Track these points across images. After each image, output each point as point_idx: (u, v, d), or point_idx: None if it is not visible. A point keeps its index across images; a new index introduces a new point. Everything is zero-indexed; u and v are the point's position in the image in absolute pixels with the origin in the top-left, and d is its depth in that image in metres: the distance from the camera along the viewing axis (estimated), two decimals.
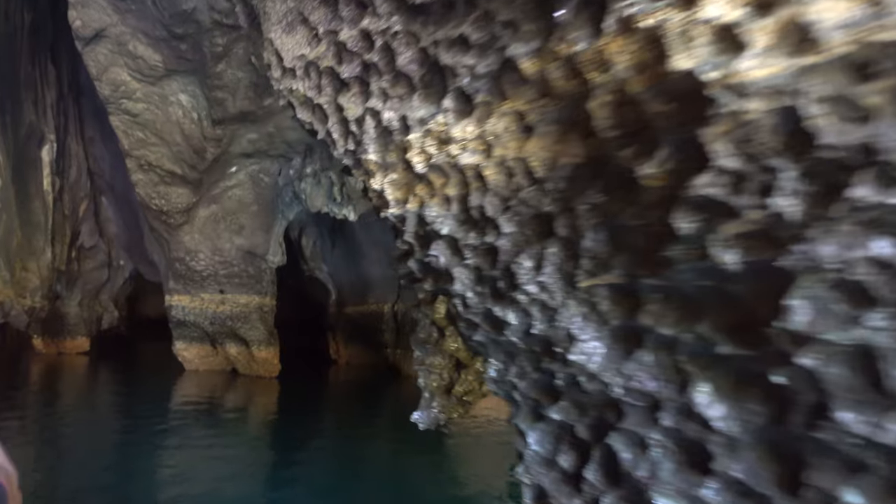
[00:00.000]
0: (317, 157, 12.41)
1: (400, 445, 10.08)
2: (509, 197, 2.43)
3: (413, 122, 2.82)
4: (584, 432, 2.37)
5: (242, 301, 16.13)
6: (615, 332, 2.18)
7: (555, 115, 2.14)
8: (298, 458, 9.27)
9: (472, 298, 2.75)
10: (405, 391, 17.08)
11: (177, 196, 13.27)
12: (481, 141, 2.45)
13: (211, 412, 12.66)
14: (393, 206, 3.17)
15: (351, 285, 22.41)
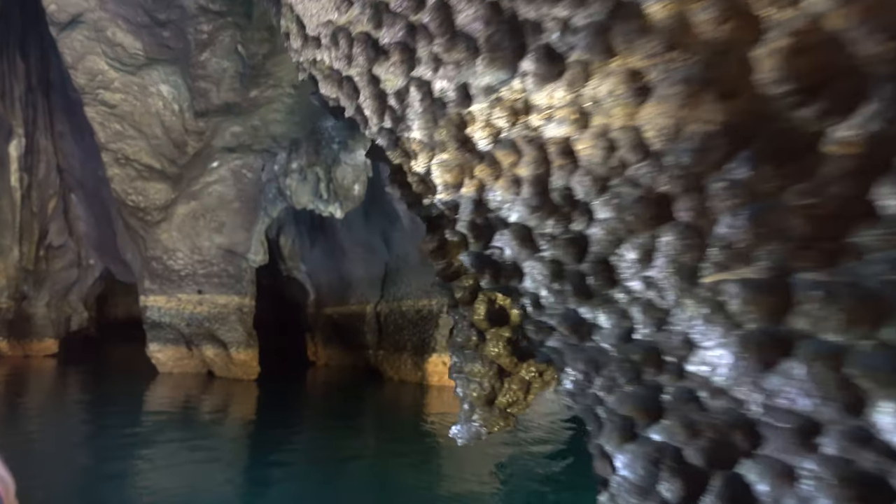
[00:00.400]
0: (303, 152, 11.93)
1: (384, 449, 9.71)
2: (608, 176, 2.03)
3: (476, 92, 2.40)
4: (696, 457, 1.98)
5: (221, 301, 15.55)
6: (749, 339, 1.79)
7: (684, 73, 1.75)
8: (278, 462, 8.80)
9: (547, 298, 2.34)
10: (388, 393, 16.63)
11: (155, 192, 12.67)
12: (574, 109, 2.05)
13: (187, 416, 12.12)
14: (441, 191, 2.75)
15: (330, 285, 21.90)
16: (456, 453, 9.97)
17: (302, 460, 9.10)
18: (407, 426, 11.77)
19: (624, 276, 2.03)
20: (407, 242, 16.27)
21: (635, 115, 1.90)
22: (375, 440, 10.74)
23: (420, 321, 16.46)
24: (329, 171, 11.94)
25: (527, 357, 3.26)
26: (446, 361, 16.44)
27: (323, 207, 12.55)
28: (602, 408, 2.27)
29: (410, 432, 11.07)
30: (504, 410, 3.23)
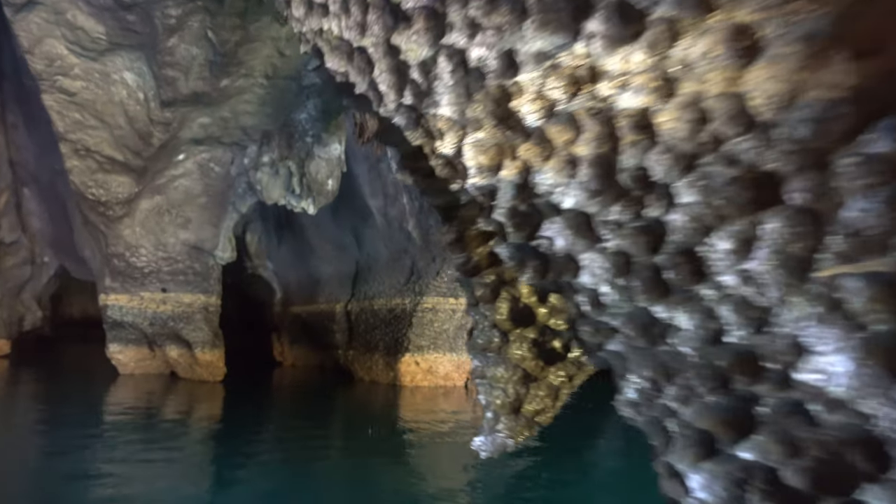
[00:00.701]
0: (274, 145, 11.49)
1: (356, 450, 9.38)
2: (695, 153, 1.74)
3: (525, 59, 2.10)
4: (797, 479, 1.71)
5: (186, 300, 14.98)
6: (876, 342, 1.52)
7: (809, 27, 1.47)
8: (246, 466, 8.46)
9: (609, 295, 2.05)
10: (359, 394, 16.24)
11: (117, 185, 12.07)
12: (656, 75, 1.76)
13: (149, 419, 11.61)
14: (474, 174, 2.43)
15: (299, 284, 21.39)
16: (429, 453, 9.69)
17: (271, 462, 8.77)
18: (379, 427, 11.46)
19: (714, 270, 1.74)
20: (379, 240, 15.90)
21: (738, 81, 1.61)
22: (347, 441, 10.41)
23: (393, 320, 16.11)
24: (302, 166, 11.52)
25: (555, 360, 2.97)
26: (419, 361, 16.13)
27: (295, 203, 12.12)
28: (674, 420, 1.98)
29: (383, 433, 10.77)
30: (531, 419, 2.93)
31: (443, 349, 16.35)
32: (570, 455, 8.97)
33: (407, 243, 15.08)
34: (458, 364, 16.72)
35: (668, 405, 1.98)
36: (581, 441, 9.95)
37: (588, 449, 10.23)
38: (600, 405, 14.43)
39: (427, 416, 12.60)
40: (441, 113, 2.50)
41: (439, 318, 15.60)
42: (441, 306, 15.44)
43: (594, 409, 14.67)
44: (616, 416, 2.30)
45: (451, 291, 15.33)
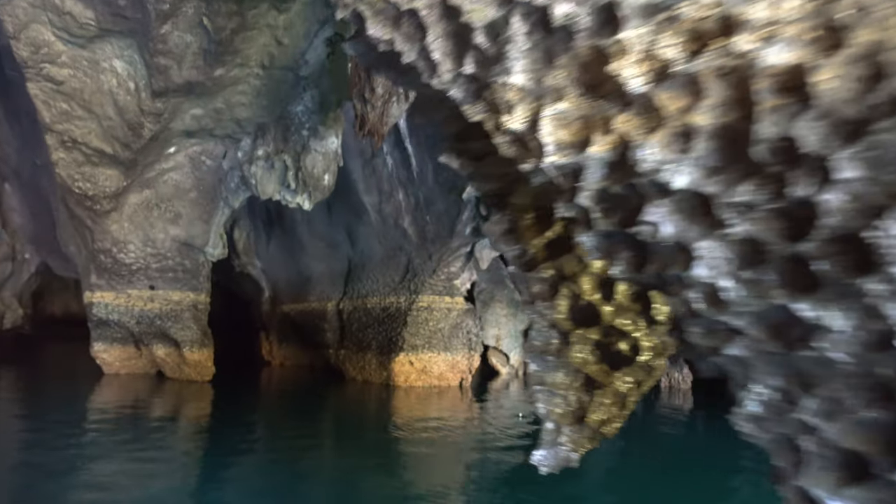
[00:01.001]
0: (269, 138, 11.10)
1: (348, 451, 9.06)
2: (865, 118, 1.44)
3: (631, 12, 1.78)
4: None
5: (175, 298, 14.54)
6: None
7: None
8: (236, 467, 8.18)
9: (732, 290, 1.73)
10: (351, 394, 15.87)
11: (105, 178, 11.62)
12: (818, 22, 1.45)
13: (136, 420, 11.16)
14: (553, 152, 2.11)
15: (289, 282, 20.98)
16: (423, 455, 9.38)
17: (261, 462, 8.48)
18: (372, 428, 11.14)
19: (887, 260, 1.44)
20: (373, 238, 15.55)
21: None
22: (340, 442, 10.11)
23: (386, 319, 15.76)
24: (298, 160, 11.14)
25: (621, 365, 2.66)
26: (413, 361, 15.80)
27: (290, 198, 11.73)
28: (811, 438, 1.68)
29: (376, 435, 10.46)
30: (596, 430, 2.61)
31: (437, 348, 16.04)
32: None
33: (402, 240, 14.75)
34: (453, 364, 16.42)
35: (804, 420, 1.68)
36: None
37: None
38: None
39: (421, 417, 12.29)
40: (512, 82, 2.17)
41: (434, 317, 15.28)
42: (436, 305, 15.12)
43: None
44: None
45: (447, 290, 15.02)
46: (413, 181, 13.83)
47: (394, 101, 9.06)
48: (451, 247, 13.78)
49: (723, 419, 2.18)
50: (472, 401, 14.88)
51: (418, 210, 14.07)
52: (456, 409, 13.90)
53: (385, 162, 14.17)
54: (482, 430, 11.19)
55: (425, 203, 13.84)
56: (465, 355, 16.57)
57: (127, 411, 11.95)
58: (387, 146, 14.00)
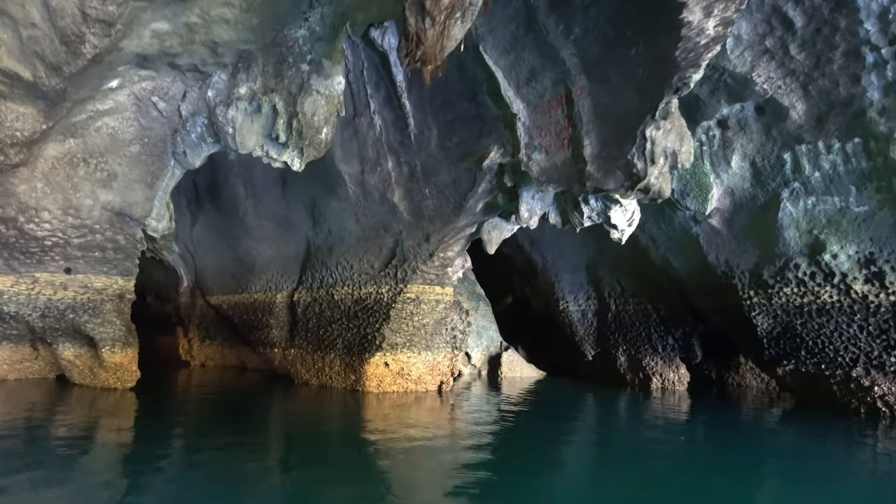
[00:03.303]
0: (256, 71, 8.34)
1: (325, 478, 6.91)
2: None
3: None
4: None
5: (97, 285, 11.39)
6: None
7: None
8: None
9: None
10: (309, 403, 13.21)
11: (15, 117, 8.43)
12: None
13: (33, 442, 8.33)
14: None
15: (220, 270, 17.88)
16: (396, 471, 7.60)
17: (208, 485, 6.38)
18: (348, 447, 8.88)
19: None
20: (348, 215, 12.95)
21: None
22: (311, 457, 7.81)
23: (361, 313, 13.21)
24: (293, 102, 8.45)
25: None
26: (389, 362, 13.36)
27: (276, 154, 8.99)
28: None
29: (345, 455, 8.21)
30: None
31: (418, 347, 13.67)
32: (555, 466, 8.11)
33: (389, 218, 12.24)
34: (433, 365, 14.10)
35: None
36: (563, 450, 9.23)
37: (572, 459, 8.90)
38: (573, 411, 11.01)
39: (398, 430, 10.02)
40: None
41: (421, 311, 12.89)
42: (426, 296, 12.73)
43: (568, 417, 12.34)
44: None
45: (438, 279, 12.66)
46: (409, 146, 11.37)
47: (457, 17, 6.68)
48: (457, 226, 11.44)
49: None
50: (453, 407, 12.64)
51: (413, 181, 11.62)
52: (438, 418, 11.60)
53: (371, 123, 11.63)
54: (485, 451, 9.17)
55: (423, 173, 11.42)
56: (448, 355, 14.28)
57: (20, 429, 8.97)
58: (375, 103, 11.47)
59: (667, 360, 15.89)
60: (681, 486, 7.18)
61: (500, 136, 9.98)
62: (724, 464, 8.34)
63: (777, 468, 8.51)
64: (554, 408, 13.55)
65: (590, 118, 8.79)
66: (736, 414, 13.06)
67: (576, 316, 17.95)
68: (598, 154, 8.80)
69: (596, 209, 10.21)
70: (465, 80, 10.06)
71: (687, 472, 7.91)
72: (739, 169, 11.69)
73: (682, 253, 13.78)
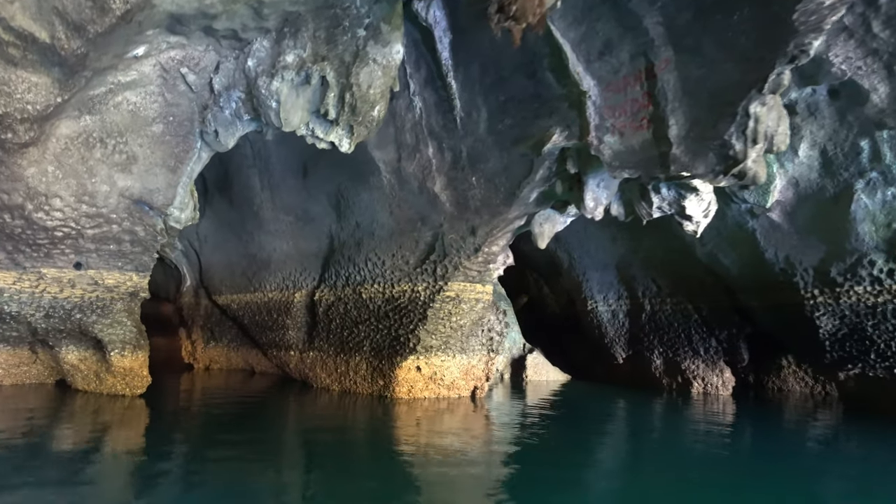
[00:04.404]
0: (306, 37, 7.30)
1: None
2: None
3: None
4: None
5: (109, 282, 10.30)
6: None
7: None
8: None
9: None
10: (327, 407, 12.20)
11: (27, 88, 7.35)
12: None
13: (35, 455, 7.43)
14: None
15: (229, 267, 16.77)
16: (430, 489, 6.78)
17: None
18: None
19: None
20: (381, 206, 11.92)
21: None
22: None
23: (392, 313, 12.19)
24: (347, 73, 7.43)
25: None
26: (422, 366, 12.36)
27: (322, 133, 7.96)
28: None
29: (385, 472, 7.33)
30: None
31: (453, 350, 12.68)
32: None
33: (428, 210, 11.24)
34: (467, 369, 13.11)
35: None
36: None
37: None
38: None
39: (441, 438, 9.15)
40: None
41: (460, 311, 11.89)
42: (466, 295, 11.74)
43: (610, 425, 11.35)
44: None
45: (480, 276, 11.68)
46: (453, 131, 10.38)
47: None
48: (507, 217, 10.46)
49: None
50: (488, 416, 11.71)
51: (458, 169, 10.63)
52: (470, 427, 10.68)
53: (411, 105, 10.62)
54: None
55: (470, 159, 10.43)
56: (483, 358, 13.30)
57: (19, 441, 8.05)
58: (415, 84, 10.47)
59: (709, 363, 15.00)
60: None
61: (564, 116, 9.02)
62: (798, 479, 7.48)
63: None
64: (593, 415, 12.63)
65: (676, 95, 7.85)
66: (794, 421, 12.18)
67: (605, 316, 17.04)
68: (686, 135, 7.87)
69: (668, 199, 9.29)
70: (524, 54, 9.08)
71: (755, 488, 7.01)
72: (807, 158, 10.83)
73: (733, 249, 12.90)
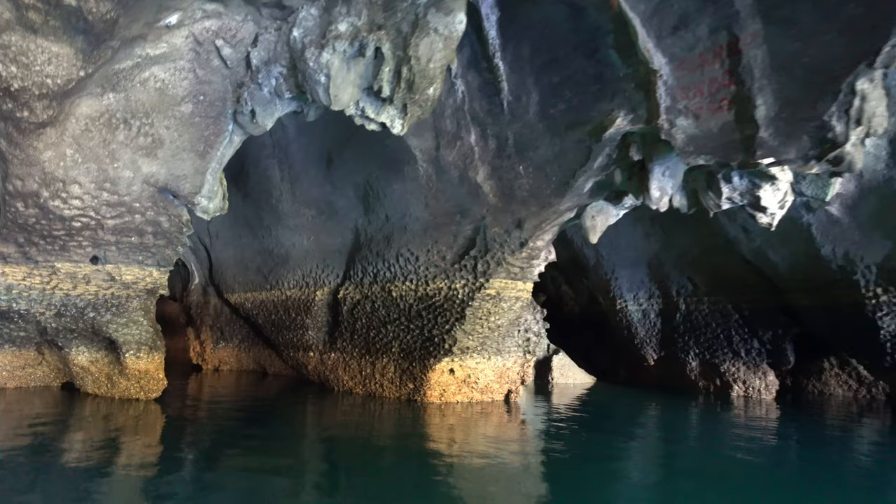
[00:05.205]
0: (361, 4, 6.53)
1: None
2: None
3: None
4: None
5: (127, 277, 9.51)
6: None
7: None
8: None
9: None
10: (351, 412, 11.44)
11: (47, 59, 6.56)
12: None
13: (42, 464, 6.87)
14: None
15: (242, 264, 15.96)
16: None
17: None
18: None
19: None
20: (415, 198, 11.15)
21: None
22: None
23: (426, 312, 11.43)
24: (405, 45, 6.67)
25: None
26: (456, 369, 11.60)
27: (373, 112, 7.19)
28: None
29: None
30: None
31: (489, 351, 11.93)
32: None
33: (469, 201, 10.48)
34: (502, 372, 12.37)
35: None
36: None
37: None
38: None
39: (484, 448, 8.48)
40: None
41: (500, 310, 11.14)
42: (507, 293, 10.99)
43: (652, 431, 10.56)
44: None
45: (523, 273, 10.93)
46: (499, 116, 9.63)
47: None
48: (558, 209, 9.72)
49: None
50: (524, 422, 11.02)
51: (503, 157, 9.88)
52: (503, 434, 10.02)
53: (452, 89, 9.85)
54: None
55: (517, 147, 9.68)
56: (518, 360, 12.56)
57: (25, 450, 7.39)
58: (457, 66, 9.69)
59: (751, 365, 14.30)
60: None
61: (629, 98, 8.28)
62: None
63: None
64: (636, 421, 11.93)
65: (764, 72, 7.11)
66: (851, 426, 11.47)
67: (636, 316, 16.32)
68: (776, 116, 7.14)
69: (739, 188, 8.56)
70: (583, 31, 8.35)
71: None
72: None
73: (784, 245, 12.20)
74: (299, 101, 7.69)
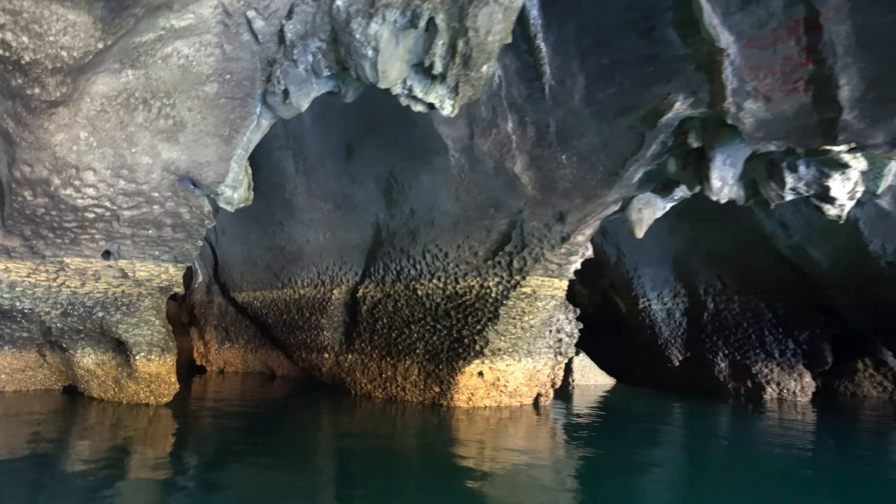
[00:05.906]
0: None
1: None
2: None
3: None
4: None
5: (141, 274, 8.81)
6: None
7: None
8: None
9: None
10: (370, 417, 10.81)
11: (62, 28, 5.87)
12: None
13: (47, 471, 6.40)
14: None
15: (251, 261, 15.25)
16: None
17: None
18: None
19: None
20: (445, 190, 10.50)
21: None
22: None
23: (454, 311, 10.77)
24: (461, 15, 6.03)
25: None
26: (485, 372, 10.96)
27: (421, 92, 6.53)
28: None
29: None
30: None
31: (519, 353, 11.30)
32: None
33: (504, 194, 9.84)
34: (532, 374, 11.74)
35: None
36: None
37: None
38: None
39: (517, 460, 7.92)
40: None
41: (535, 309, 10.50)
42: (543, 291, 10.36)
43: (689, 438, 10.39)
44: None
45: (560, 270, 10.30)
46: (539, 102, 8.98)
47: None
48: (605, 201, 9.10)
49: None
50: (554, 428, 10.46)
51: (543, 146, 9.24)
52: (532, 444, 9.48)
53: None
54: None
55: (559, 135, 9.04)
56: (549, 362, 11.93)
57: (23, 451, 7.01)
58: None
59: (786, 366, 13.73)
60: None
61: (689, 81, 7.65)
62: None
63: None
64: (671, 426, 11.38)
65: (848, 49, 6.50)
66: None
67: (660, 316, 15.74)
68: (862, 96, 6.54)
69: (806, 178, 7.96)
70: (637, 8, 7.71)
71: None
72: None
73: (826, 241, 11.65)
74: (338, 80, 7.02)
